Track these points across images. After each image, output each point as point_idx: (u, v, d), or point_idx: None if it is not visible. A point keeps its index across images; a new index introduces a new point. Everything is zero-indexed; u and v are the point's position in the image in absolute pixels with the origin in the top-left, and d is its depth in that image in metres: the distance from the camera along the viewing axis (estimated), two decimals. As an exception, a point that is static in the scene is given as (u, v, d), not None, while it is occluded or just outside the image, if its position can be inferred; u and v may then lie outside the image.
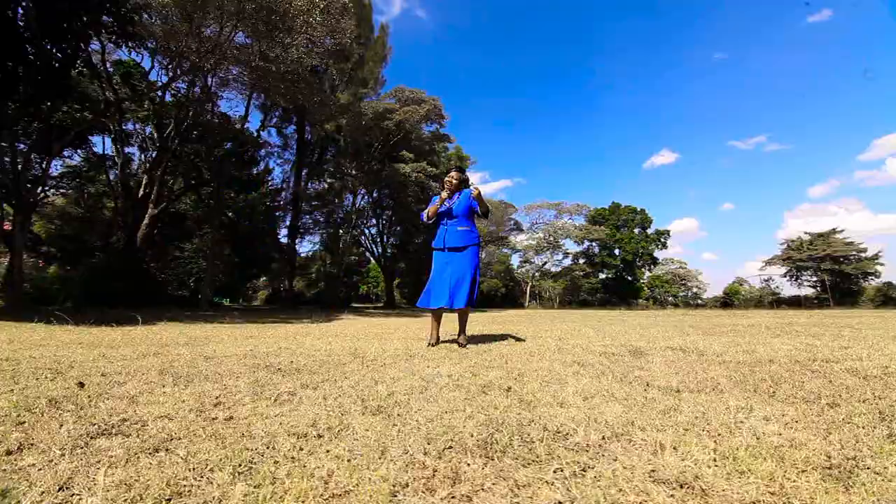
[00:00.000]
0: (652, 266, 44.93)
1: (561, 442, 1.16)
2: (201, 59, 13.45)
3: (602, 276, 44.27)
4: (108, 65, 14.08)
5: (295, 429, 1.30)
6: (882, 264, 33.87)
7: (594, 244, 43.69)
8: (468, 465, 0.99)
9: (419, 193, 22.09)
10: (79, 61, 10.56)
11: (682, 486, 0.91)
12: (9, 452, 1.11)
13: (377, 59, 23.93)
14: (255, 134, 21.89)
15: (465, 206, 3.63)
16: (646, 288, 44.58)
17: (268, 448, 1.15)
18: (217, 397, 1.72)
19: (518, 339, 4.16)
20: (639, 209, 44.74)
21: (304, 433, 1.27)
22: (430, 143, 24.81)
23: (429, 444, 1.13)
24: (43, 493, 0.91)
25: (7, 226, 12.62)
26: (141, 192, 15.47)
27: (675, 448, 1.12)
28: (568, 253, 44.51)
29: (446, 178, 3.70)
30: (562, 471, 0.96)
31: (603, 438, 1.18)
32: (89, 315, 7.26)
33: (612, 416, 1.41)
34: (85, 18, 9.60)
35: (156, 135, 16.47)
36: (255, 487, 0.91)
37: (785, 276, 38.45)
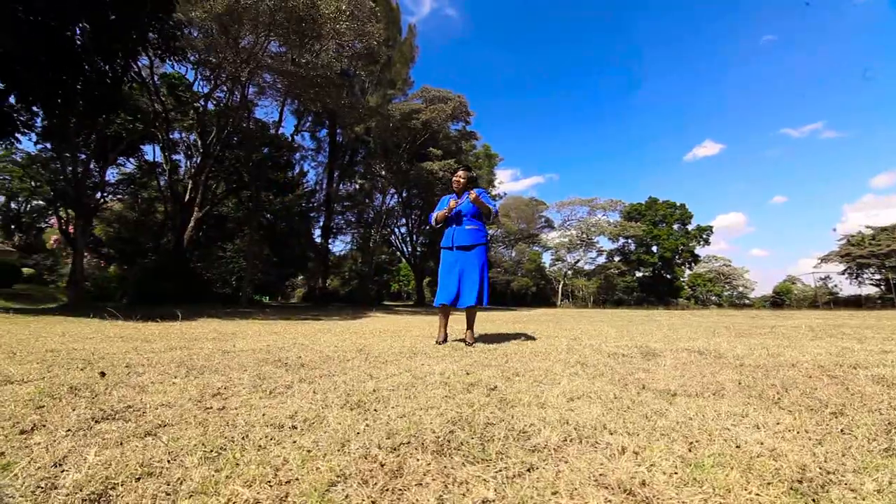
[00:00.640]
0: (693, 263, 42.57)
1: (520, 442, 1.16)
2: (238, 69, 14.19)
3: (638, 274, 42.44)
4: (155, 78, 15.14)
5: (274, 420, 1.38)
6: (958, 260, 30.19)
7: (630, 241, 41.96)
8: (417, 460, 1.02)
9: (447, 192, 22.13)
10: (128, 75, 11.40)
11: (624, 492, 0.89)
12: (22, 432, 1.25)
13: (404, 61, 24.25)
14: (290, 138, 22.83)
15: (474, 206, 3.63)
16: (686, 287, 42.29)
17: (242, 437, 1.23)
18: (218, 388, 1.84)
19: (530, 338, 4.11)
20: (678, 204, 42.43)
21: (282, 424, 1.34)
22: (458, 141, 24.84)
23: (388, 438, 1.17)
24: (39, 467, 1.03)
25: (70, 229, 13.91)
26: (187, 197, 16.56)
27: (636, 453, 1.09)
28: (602, 250, 43.04)
29: (454, 179, 3.73)
30: (506, 470, 0.97)
31: (565, 440, 1.17)
32: (138, 311, 7.88)
33: (587, 417, 1.38)
34: (134, 36, 10.39)
35: (199, 142, 17.56)
36: (215, 471, 0.99)
37: (843, 274, 35.09)
